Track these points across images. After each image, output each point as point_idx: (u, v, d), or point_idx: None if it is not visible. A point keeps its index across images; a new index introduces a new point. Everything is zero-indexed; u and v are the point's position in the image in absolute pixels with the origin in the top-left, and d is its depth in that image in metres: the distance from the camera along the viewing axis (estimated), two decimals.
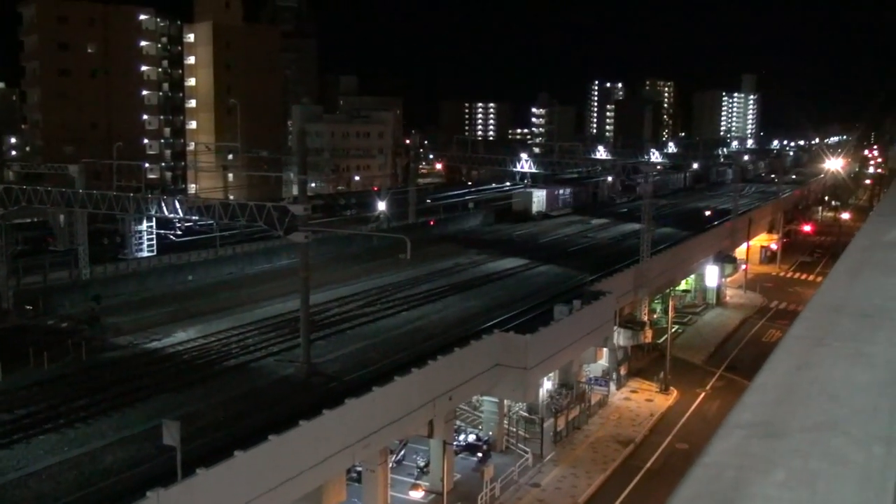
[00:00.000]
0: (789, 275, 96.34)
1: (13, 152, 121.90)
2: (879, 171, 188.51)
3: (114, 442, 27.58)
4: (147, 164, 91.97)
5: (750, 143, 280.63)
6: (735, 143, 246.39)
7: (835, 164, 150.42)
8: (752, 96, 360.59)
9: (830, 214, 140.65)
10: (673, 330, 60.90)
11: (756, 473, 2.63)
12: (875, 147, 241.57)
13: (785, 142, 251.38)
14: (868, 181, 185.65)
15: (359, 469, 34.83)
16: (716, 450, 2.77)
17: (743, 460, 2.71)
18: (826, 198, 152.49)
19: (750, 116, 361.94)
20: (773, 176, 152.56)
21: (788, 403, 3.27)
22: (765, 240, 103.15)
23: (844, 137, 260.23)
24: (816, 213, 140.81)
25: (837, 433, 2.95)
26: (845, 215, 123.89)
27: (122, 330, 41.24)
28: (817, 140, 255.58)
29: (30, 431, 28.19)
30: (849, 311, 5.12)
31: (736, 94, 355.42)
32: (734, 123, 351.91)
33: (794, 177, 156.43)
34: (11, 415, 29.71)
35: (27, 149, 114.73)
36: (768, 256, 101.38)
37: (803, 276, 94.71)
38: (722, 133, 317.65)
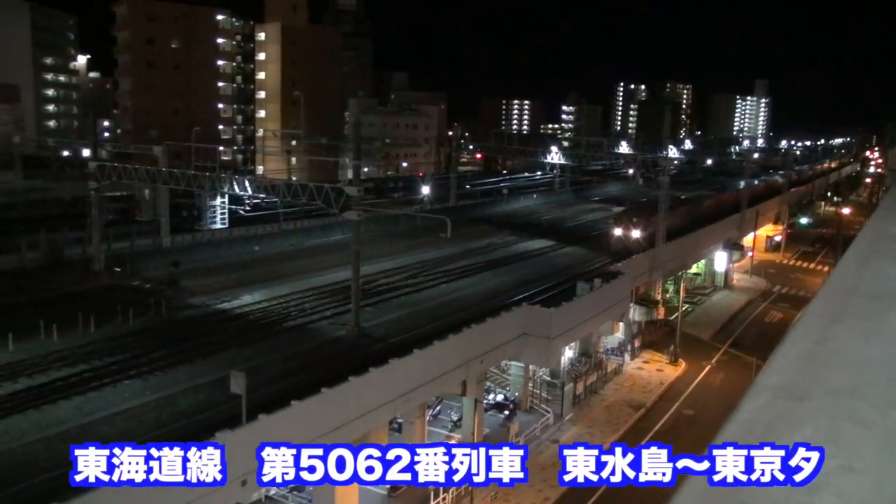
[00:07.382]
0: (792, 262, 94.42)
1: (106, 134, 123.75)
2: (879, 170, 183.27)
3: (188, 389, 28.06)
4: (221, 147, 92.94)
5: (760, 142, 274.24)
6: (746, 143, 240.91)
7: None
8: (763, 100, 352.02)
9: (832, 209, 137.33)
10: (683, 308, 60.13)
11: (784, 430, 2.56)
12: (876, 148, 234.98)
13: (793, 142, 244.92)
14: (868, 180, 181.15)
15: (400, 421, 35.11)
16: (747, 408, 2.70)
17: (772, 417, 2.64)
18: (829, 193, 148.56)
19: (761, 118, 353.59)
20: (780, 172, 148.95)
21: (810, 371, 3.18)
22: (770, 230, 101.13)
23: (849, 139, 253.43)
24: (819, 208, 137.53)
25: (857, 398, 2.86)
26: (846, 210, 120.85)
27: (196, 292, 41.85)
28: (822, 141, 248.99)
29: (116, 377, 28.79)
30: (861, 293, 4.98)
31: (749, 98, 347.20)
32: (746, 124, 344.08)
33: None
34: (101, 362, 30.39)
35: (118, 131, 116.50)
36: (773, 245, 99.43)
37: (804, 264, 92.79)
38: (735, 133, 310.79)
